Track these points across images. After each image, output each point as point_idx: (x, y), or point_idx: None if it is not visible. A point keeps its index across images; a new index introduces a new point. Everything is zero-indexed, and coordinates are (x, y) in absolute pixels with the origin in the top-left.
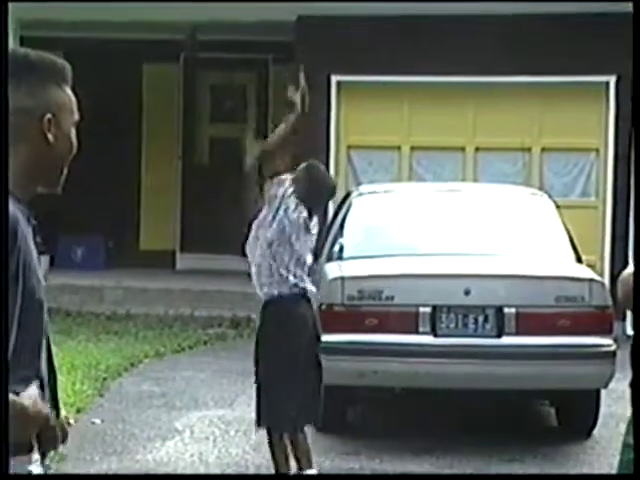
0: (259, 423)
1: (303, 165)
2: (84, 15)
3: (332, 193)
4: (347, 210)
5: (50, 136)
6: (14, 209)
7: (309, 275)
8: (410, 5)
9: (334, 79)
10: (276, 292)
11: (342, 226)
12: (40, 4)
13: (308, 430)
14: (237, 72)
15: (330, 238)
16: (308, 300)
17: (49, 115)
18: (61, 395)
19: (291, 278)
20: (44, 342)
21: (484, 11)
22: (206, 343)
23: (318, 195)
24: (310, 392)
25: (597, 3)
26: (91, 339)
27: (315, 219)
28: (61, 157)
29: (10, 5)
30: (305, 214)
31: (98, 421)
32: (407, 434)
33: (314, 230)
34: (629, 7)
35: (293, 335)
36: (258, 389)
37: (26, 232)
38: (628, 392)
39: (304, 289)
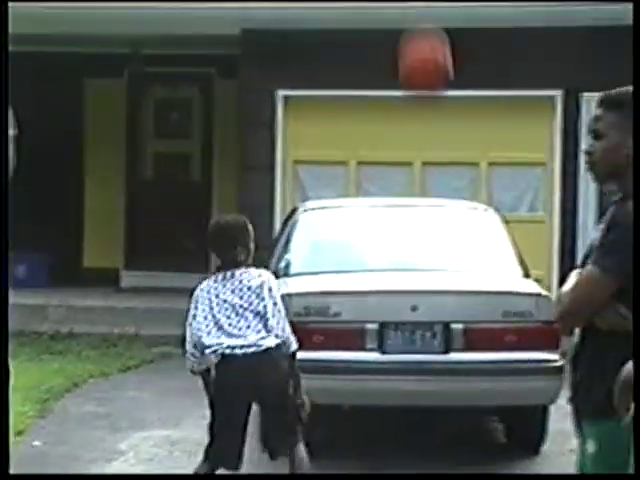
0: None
1: None
2: (22, 28)
3: (217, 234)
4: (293, 226)
5: None
6: None
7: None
8: (356, 18)
9: (280, 94)
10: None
11: (288, 242)
12: None
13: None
14: (182, 86)
15: (276, 254)
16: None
17: None
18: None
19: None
20: None
21: (429, 24)
22: (152, 362)
23: (211, 241)
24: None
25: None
26: (33, 359)
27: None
28: None
29: None
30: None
31: (39, 443)
32: (353, 452)
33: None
34: (576, 21)
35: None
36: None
37: None
38: None
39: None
